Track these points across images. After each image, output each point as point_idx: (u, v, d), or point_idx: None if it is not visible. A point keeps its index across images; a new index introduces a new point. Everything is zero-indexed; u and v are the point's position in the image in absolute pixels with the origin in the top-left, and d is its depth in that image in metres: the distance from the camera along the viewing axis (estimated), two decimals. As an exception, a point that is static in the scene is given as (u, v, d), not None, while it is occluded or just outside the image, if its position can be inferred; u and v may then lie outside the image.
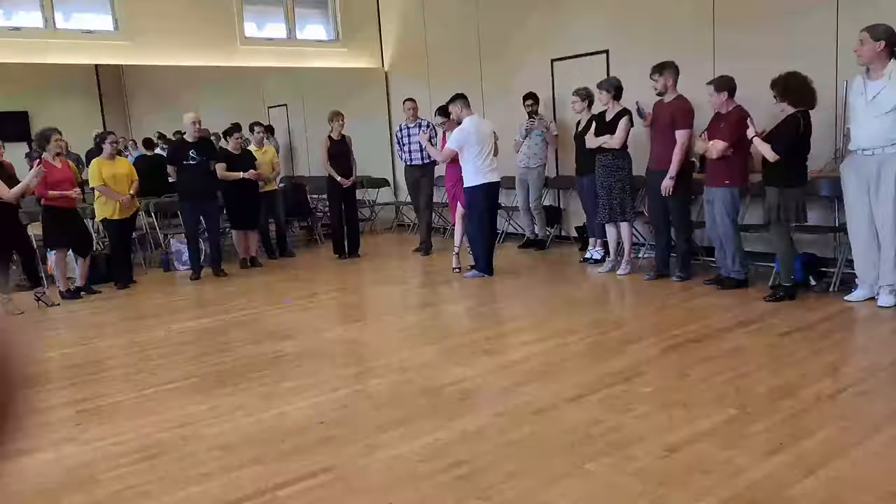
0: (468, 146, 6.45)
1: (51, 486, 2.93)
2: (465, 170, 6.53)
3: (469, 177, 6.52)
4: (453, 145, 6.56)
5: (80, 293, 6.79)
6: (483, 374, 3.99)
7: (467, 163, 6.51)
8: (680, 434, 3.06)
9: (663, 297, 5.54)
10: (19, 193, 6.10)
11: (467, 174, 6.53)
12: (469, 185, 6.53)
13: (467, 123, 6.53)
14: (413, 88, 9.71)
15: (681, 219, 5.96)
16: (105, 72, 12.09)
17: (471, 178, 6.51)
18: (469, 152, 6.47)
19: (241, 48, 9.43)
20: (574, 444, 3.03)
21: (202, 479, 2.90)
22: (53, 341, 5.29)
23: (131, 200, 7.12)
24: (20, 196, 6.15)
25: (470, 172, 6.50)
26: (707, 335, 4.48)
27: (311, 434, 3.29)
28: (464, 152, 6.51)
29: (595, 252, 7.04)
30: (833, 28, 5.72)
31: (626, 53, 7.28)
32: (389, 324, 5.25)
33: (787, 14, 6.00)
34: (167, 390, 4.02)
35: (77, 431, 3.49)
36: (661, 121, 5.88)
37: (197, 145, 7.29)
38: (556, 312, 5.28)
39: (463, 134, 6.48)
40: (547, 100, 8.18)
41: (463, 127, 6.53)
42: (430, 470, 2.86)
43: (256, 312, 5.82)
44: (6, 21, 8.13)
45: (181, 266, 7.95)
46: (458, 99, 6.72)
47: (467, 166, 6.51)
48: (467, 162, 6.51)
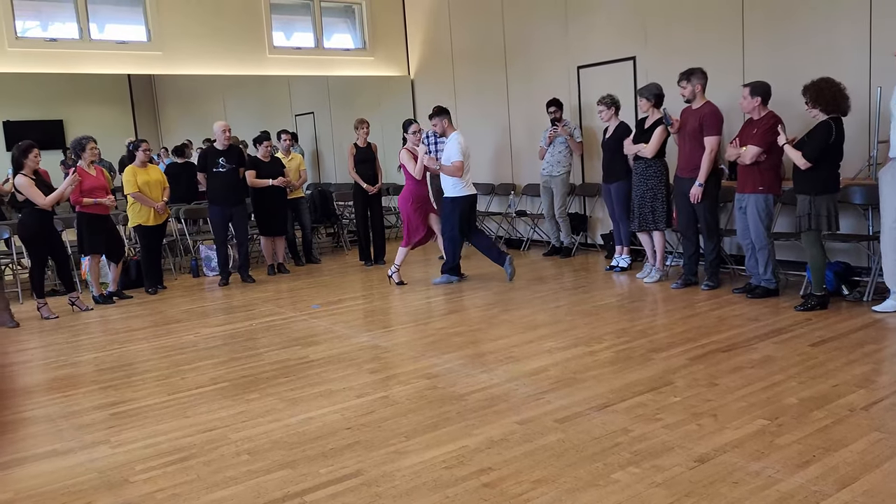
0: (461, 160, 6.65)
1: (84, 488, 2.98)
2: (449, 182, 6.69)
3: (453, 188, 6.68)
4: (460, 157, 6.66)
5: (113, 298, 6.91)
6: (508, 381, 3.98)
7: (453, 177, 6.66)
8: (709, 444, 3.02)
9: (691, 306, 5.49)
10: (55, 200, 6.24)
11: (452, 186, 6.69)
12: (453, 195, 6.69)
13: (459, 137, 6.76)
14: (438, 96, 9.76)
15: (710, 226, 5.90)
16: (137, 81, 12.32)
17: (456, 189, 6.69)
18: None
19: (270, 57, 9.56)
20: (601, 453, 3.01)
21: (231, 483, 2.93)
22: (87, 345, 5.38)
23: (165, 207, 7.26)
24: (55, 203, 6.29)
25: (456, 184, 6.68)
26: (736, 344, 4.43)
27: (337, 439, 3.31)
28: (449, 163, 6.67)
29: (621, 260, 7.00)
30: (866, 34, 5.64)
31: (654, 60, 7.24)
32: (414, 330, 5.26)
33: (819, 19, 5.92)
34: (196, 394, 4.07)
35: (109, 434, 3.55)
36: (688, 127, 5.83)
37: (226, 153, 7.40)
38: (581, 320, 5.25)
39: (462, 147, 6.66)
40: (573, 107, 8.16)
41: (459, 140, 6.72)
42: (455, 477, 2.86)
43: (283, 318, 5.87)
44: (43, 32, 8.34)
45: (210, 272, 8.06)
46: (444, 113, 6.85)
47: (453, 179, 6.66)
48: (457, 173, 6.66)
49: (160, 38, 8.73)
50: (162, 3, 8.70)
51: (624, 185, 6.73)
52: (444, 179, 6.75)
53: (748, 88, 5.37)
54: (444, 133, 6.82)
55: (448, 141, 6.78)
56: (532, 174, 8.71)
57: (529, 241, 8.78)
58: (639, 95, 6.33)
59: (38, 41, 8.16)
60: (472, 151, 8.74)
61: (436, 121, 6.81)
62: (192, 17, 8.91)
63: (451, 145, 6.71)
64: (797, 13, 6.07)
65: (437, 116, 6.81)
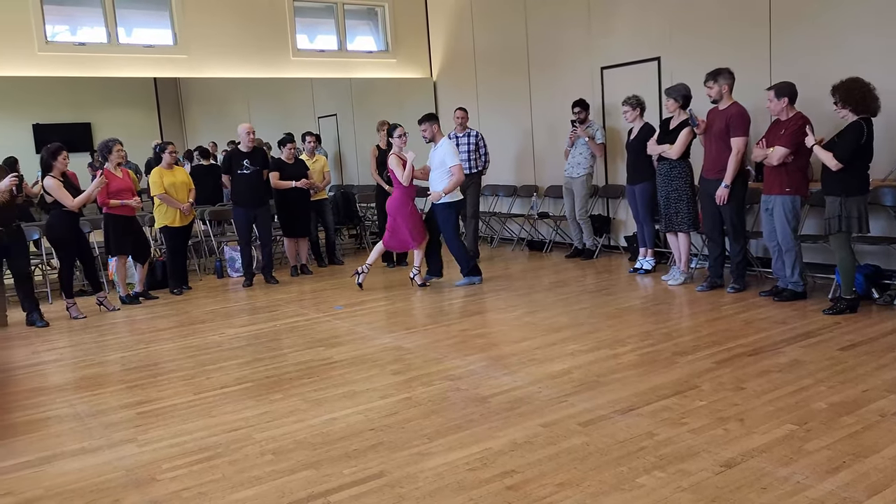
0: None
1: (112, 485, 3.01)
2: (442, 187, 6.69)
3: (450, 195, 6.72)
4: (458, 160, 6.71)
5: (139, 298, 7.00)
6: (531, 383, 3.97)
7: (446, 181, 6.68)
8: (736, 449, 2.99)
9: (717, 309, 5.43)
10: (82, 202, 6.34)
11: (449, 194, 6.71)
12: (449, 201, 6.74)
13: (451, 142, 6.82)
14: (461, 97, 9.77)
15: (736, 228, 5.83)
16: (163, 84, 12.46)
17: (453, 195, 6.74)
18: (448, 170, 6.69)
19: (294, 60, 9.64)
20: (625, 456, 2.98)
21: (255, 483, 2.95)
22: (114, 345, 5.46)
23: (191, 208, 7.34)
24: (83, 205, 6.38)
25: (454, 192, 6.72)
26: (763, 348, 4.37)
27: (361, 440, 3.32)
28: (443, 169, 6.70)
29: (646, 262, 6.95)
30: (894, 33, 5.54)
31: (678, 60, 7.18)
32: (437, 332, 5.26)
33: (847, 19, 5.84)
34: (221, 394, 4.11)
35: (136, 432, 3.59)
36: (715, 128, 5.77)
37: (250, 155, 7.46)
38: (604, 323, 5.22)
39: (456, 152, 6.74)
40: (596, 108, 8.12)
41: (452, 145, 6.78)
42: (479, 479, 2.86)
43: (307, 319, 5.91)
44: (72, 37, 8.49)
45: (234, 273, 8.13)
46: (434, 119, 6.87)
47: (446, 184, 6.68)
48: (446, 180, 6.68)
49: (186, 42, 8.84)
50: (188, 7, 8.81)
51: (648, 187, 6.68)
52: (438, 185, 6.72)
53: (772, 91, 5.31)
54: (434, 139, 6.84)
55: (440, 147, 6.78)
56: (554, 176, 8.68)
57: (552, 242, 8.75)
58: (666, 95, 6.27)
59: (67, 45, 8.29)
60: (495, 153, 8.78)
61: (425, 126, 6.83)
62: (217, 21, 9.02)
63: (446, 150, 6.72)
64: (825, 12, 5.99)
65: (426, 122, 6.84)
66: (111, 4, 8.45)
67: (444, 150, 6.73)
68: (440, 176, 6.73)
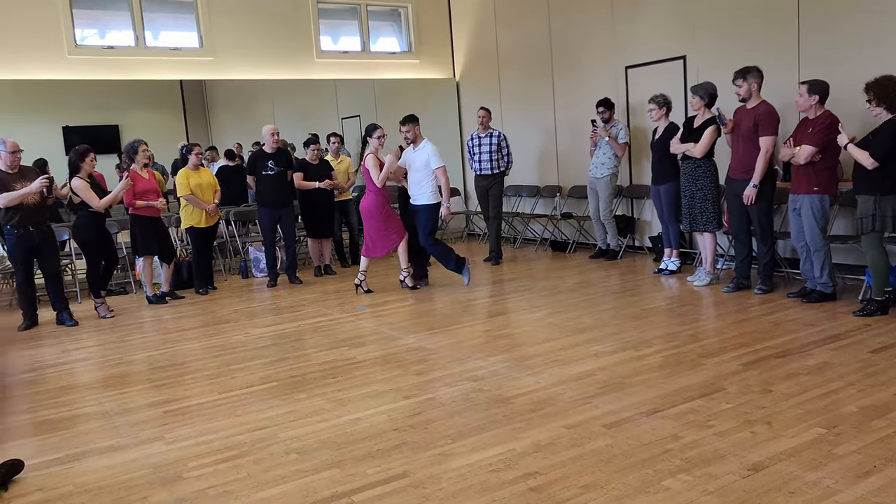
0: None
1: (140, 483, 3.05)
2: (427, 190, 6.71)
3: (430, 196, 6.73)
4: (443, 162, 6.71)
5: (166, 298, 7.09)
6: (555, 384, 3.95)
7: (429, 182, 6.70)
8: (764, 452, 2.94)
9: (744, 310, 5.36)
10: (108, 203, 6.43)
11: (430, 194, 6.72)
12: (431, 202, 6.74)
13: (433, 145, 6.79)
14: (484, 98, 9.76)
15: (764, 228, 5.75)
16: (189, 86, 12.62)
17: (432, 197, 6.74)
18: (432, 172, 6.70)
19: (317, 61, 9.70)
20: (650, 459, 2.96)
21: (280, 481, 2.97)
22: (141, 344, 5.53)
23: (216, 209, 7.42)
24: (109, 205, 6.47)
25: (432, 192, 6.73)
26: (791, 350, 4.31)
27: (384, 440, 3.32)
28: (426, 171, 6.69)
29: (671, 263, 6.88)
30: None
31: (704, 59, 7.11)
32: (460, 332, 5.26)
33: (878, 16, 5.73)
34: (246, 393, 4.14)
35: (163, 431, 3.64)
36: (743, 127, 5.69)
37: (275, 156, 7.51)
38: (629, 324, 5.18)
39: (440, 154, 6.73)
40: (621, 108, 8.06)
41: (434, 147, 6.76)
42: (502, 480, 2.85)
43: (330, 319, 5.94)
44: (101, 40, 8.62)
45: (258, 273, 8.20)
46: (416, 121, 6.85)
47: (430, 186, 6.70)
48: (429, 182, 6.70)
49: (211, 44, 8.95)
50: (213, 10, 8.91)
51: (673, 187, 6.61)
52: (420, 187, 6.73)
53: (805, 86, 5.23)
54: (416, 140, 6.81)
55: (422, 148, 6.76)
56: (578, 176, 8.64)
57: (575, 243, 8.71)
58: (692, 93, 6.19)
59: (95, 49, 8.43)
60: (517, 153, 8.75)
61: (408, 127, 6.80)
62: (242, 24, 9.11)
63: (429, 152, 6.71)
64: (855, 9, 5.89)
65: (409, 123, 6.81)
66: (139, 8, 8.57)
67: (429, 151, 6.72)
68: (423, 178, 6.72)
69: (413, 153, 6.84)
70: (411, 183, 6.86)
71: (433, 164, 6.68)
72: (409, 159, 6.90)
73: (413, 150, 6.85)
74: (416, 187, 6.79)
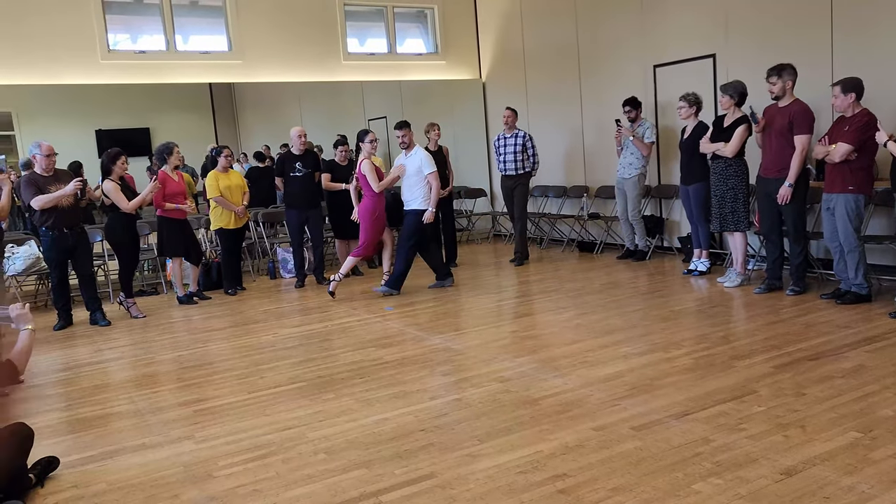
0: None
1: (171, 481, 3.10)
2: (419, 195, 6.73)
3: (422, 202, 6.74)
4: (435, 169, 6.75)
5: (193, 298, 7.18)
6: (582, 386, 3.92)
7: (421, 188, 6.72)
8: (797, 456, 2.89)
9: (776, 312, 5.27)
10: (137, 205, 6.53)
11: (422, 200, 6.74)
12: (420, 208, 6.74)
13: (425, 151, 6.85)
14: (510, 98, 9.73)
15: (797, 228, 5.65)
16: (218, 89, 12.79)
17: (423, 202, 6.75)
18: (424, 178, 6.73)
19: (344, 63, 9.76)
20: (680, 462, 2.92)
21: (308, 481, 2.99)
22: (171, 344, 5.61)
23: (245, 211, 7.50)
24: (137, 207, 6.57)
25: (424, 198, 6.74)
26: (825, 352, 4.23)
27: (411, 441, 3.33)
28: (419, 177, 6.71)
29: (700, 263, 6.80)
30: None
31: (735, 57, 7.02)
32: (487, 333, 5.25)
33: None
34: (275, 393, 4.18)
35: (194, 430, 3.68)
36: (776, 125, 5.60)
37: (302, 157, 7.57)
38: (658, 325, 5.12)
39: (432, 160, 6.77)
40: (649, 107, 7.99)
41: (427, 153, 6.80)
42: (530, 482, 2.84)
43: (358, 320, 5.96)
44: (133, 45, 8.77)
45: (286, 274, 8.27)
46: (409, 126, 6.87)
47: (422, 191, 6.72)
48: (421, 187, 6.72)
49: (240, 48, 9.05)
50: (242, 13, 9.01)
51: (703, 187, 6.53)
52: (413, 192, 6.76)
53: (839, 86, 5.13)
54: (410, 146, 6.83)
55: (414, 155, 6.78)
56: (605, 176, 8.58)
57: (603, 244, 8.64)
58: (722, 91, 6.11)
59: (128, 54, 8.58)
60: (544, 153, 8.72)
61: (404, 132, 6.82)
62: (270, 27, 9.20)
63: (421, 158, 6.74)
64: (890, 7, 5.76)
65: (405, 128, 6.84)
66: (169, 13, 8.70)
67: (421, 158, 6.75)
68: (416, 183, 6.74)
69: (405, 159, 6.87)
70: (405, 188, 6.88)
71: (426, 169, 6.71)
72: (402, 165, 6.89)
73: (406, 157, 6.87)
74: (410, 192, 6.82)
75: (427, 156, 6.82)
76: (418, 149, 6.87)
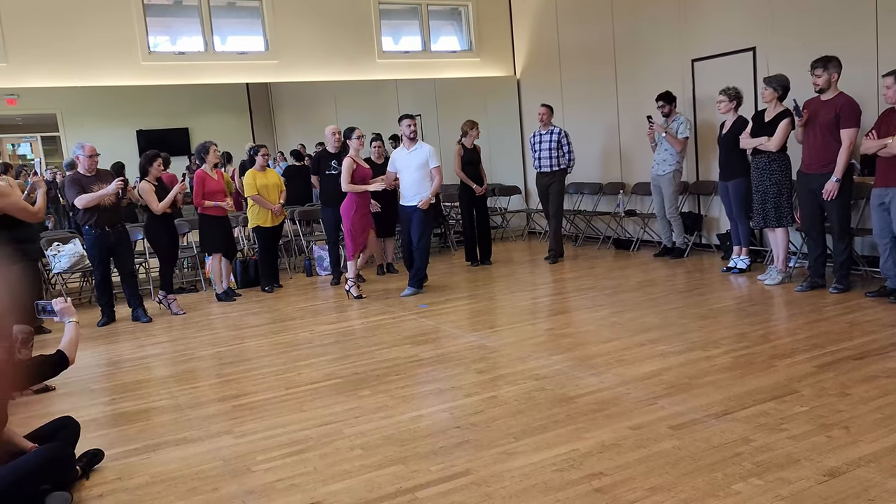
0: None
1: (211, 474, 3.15)
2: (425, 190, 6.68)
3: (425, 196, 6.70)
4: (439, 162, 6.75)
5: (233, 297, 7.30)
6: (619, 384, 3.88)
7: (427, 183, 6.69)
8: (840, 458, 2.83)
9: (818, 310, 5.16)
10: (166, 206, 6.62)
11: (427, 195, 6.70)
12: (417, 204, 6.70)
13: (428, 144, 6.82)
14: (545, 95, 9.67)
15: (842, 225, 5.51)
16: (255, 89, 12.97)
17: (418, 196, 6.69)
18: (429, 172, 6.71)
19: (379, 62, 9.80)
20: (720, 462, 2.88)
21: (345, 476, 3.02)
22: (210, 340, 5.71)
23: (282, 209, 7.60)
24: (166, 208, 6.65)
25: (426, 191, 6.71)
26: (870, 352, 4.12)
27: (447, 438, 3.34)
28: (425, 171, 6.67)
29: (740, 261, 6.68)
30: None
31: (776, 50, 6.87)
32: (522, 331, 5.23)
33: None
34: (312, 390, 4.23)
35: (232, 425, 3.74)
36: (820, 119, 5.46)
37: (337, 156, 7.63)
38: (696, 324, 5.05)
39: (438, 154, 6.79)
40: (687, 102, 7.87)
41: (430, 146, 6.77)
42: (566, 480, 2.82)
43: (393, 317, 5.99)
44: (172, 46, 8.93)
45: (322, 271, 8.34)
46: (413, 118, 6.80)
47: (428, 186, 6.69)
48: (427, 182, 6.69)
49: (276, 48, 9.15)
50: (278, 13, 9.11)
51: (742, 183, 6.41)
52: (420, 187, 6.66)
53: (892, 77, 4.99)
54: (414, 139, 6.76)
55: (420, 148, 6.70)
56: (642, 173, 8.48)
57: (639, 241, 8.55)
58: (765, 84, 5.98)
59: (167, 55, 8.74)
60: (580, 150, 8.65)
61: (412, 122, 6.73)
62: (305, 27, 9.29)
63: (428, 151, 6.68)
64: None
65: (413, 118, 6.79)
66: (208, 14, 8.84)
67: (428, 151, 6.68)
68: (422, 177, 6.65)
69: (407, 154, 6.75)
70: (408, 184, 6.74)
71: (433, 162, 6.67)
72: (403, 161, 6.78)
73: (408, 152, 6.76)
74: (415, 188, 6.70)
75: (433, 149, 6.77)
76: (422, 143, 6.81)
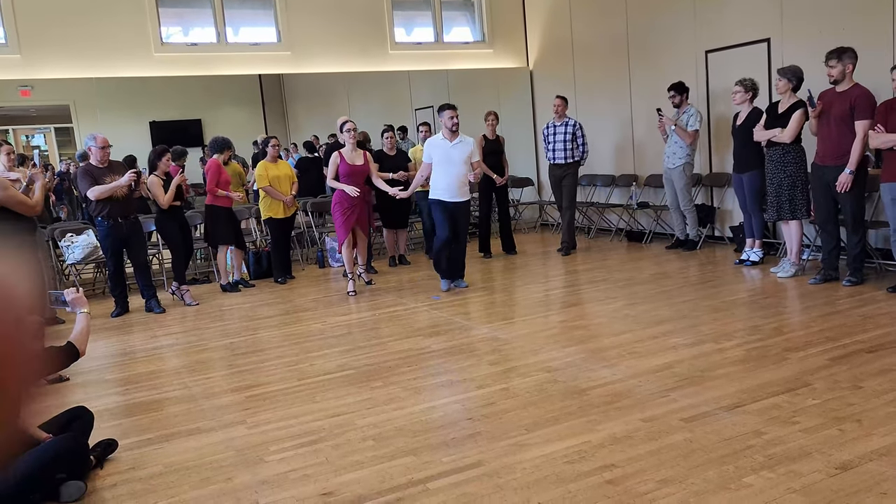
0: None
1: (224, 464, 3.18)
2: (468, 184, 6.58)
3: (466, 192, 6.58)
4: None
5: (239, 287, 7.34)
6: (631, 377, 3.88)
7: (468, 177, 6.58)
8: (853, 451, 2.82)
9: (832, 303, 5.13)
10: (171, 197, 6.65)
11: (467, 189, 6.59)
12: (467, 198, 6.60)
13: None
14: (558, 86, 9.63)
15: (855, 217, 5.47)
16: (267, 80, 12.99)
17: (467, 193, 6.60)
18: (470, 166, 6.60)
19: (392, 53, 9.78)
20: (731, 455, 2.87)
21: (357, 467, 3.04)
22: (223, 331, 5.75)
23: (294, 200, 7.62)
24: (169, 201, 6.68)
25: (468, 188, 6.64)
26: (883, 345, 4.10)
27: (458, 429, 3.35)
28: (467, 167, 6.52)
29: (753, 253, 6.64)
30: None
31: (791, 42, 6.80)
32: (534, 323, 5.24)
33: None
34: (324, 381, 4.25)
35: (245, 415, 3.77)
36: (834, 111, 5.41)
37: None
38: (708, 316, 5.03)
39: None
40: (700, 94, 7.81)
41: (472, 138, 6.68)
42: (577, 472, 2.83)
43: (405, 309, 6.01)
44: (184, 38, 8.95)
45: (335, 263, 8.37)
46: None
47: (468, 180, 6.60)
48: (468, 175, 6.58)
49: (289, 39, 9.15)
50: (291, 5, 9.11)
51: (757, 175, 6.36)
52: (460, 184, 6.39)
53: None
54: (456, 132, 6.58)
55: (463, 141, 6.50)
56: (655, 164, 8.43)
57: (652, 233, 8.51)
58: (779, 75, 5.92)
59: (180, 46, 8.76)
60: (593, 141, 8.61)
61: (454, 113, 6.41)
62: (318, 18, 9.28)
63: (472, 144, 6.58)
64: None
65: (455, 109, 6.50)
66: (220, 5, 8.85)
67: (472, 143, 6.50)
68: (467, 172, 6.40)
69: (450, 147, 6.34)
70: (453, 179, 6.34)
71: (476, 156, 6.57)
72: (444, 154, 6.35)
73: (450, 144, 6.35)
74: (462, 183, 6.40)
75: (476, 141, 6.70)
76: (464, 136, 6.53)
